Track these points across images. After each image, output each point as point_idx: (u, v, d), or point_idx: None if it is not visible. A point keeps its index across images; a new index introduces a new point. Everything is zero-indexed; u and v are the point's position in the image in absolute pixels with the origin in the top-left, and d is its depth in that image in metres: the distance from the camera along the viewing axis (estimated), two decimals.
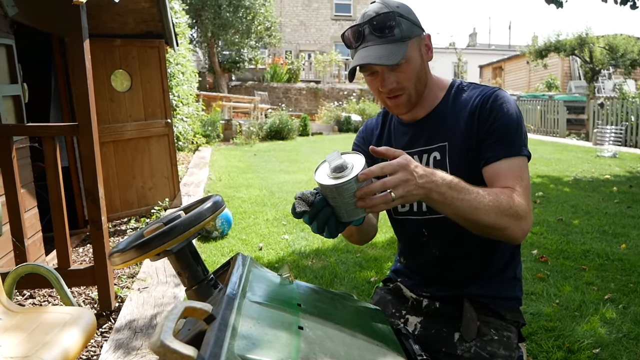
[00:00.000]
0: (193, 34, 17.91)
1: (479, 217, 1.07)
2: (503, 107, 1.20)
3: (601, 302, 3.02)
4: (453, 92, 1.30)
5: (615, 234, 4.45)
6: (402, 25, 1.16)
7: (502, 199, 1.09)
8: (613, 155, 9.45)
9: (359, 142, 1.47)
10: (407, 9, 1.21)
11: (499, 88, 1.26)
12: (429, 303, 1.32)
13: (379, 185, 0.94)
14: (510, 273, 1.34)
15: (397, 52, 1.14)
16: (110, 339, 2.54)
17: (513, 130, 1.19)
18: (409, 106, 1.26)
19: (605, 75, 19.32)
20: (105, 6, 3.85)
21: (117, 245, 1.00)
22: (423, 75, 1.23)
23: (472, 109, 1.23)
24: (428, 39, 1.24)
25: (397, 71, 1.19)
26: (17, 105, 3.42)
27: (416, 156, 1.29)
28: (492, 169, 1.18)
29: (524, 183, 1.17)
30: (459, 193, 1.04)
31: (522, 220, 1.11)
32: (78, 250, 4.10)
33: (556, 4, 8.34)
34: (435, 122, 1.29)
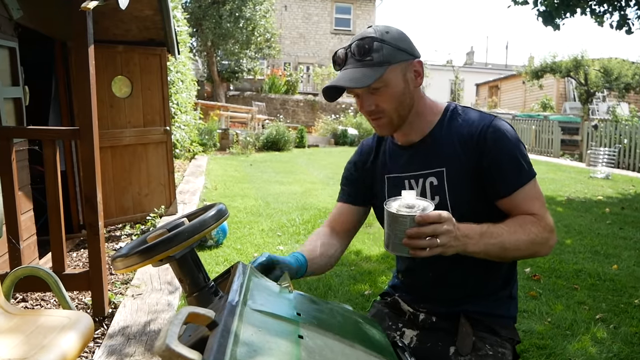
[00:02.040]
0: (193, 42, 17.99)
1: (512, 255, 1.20)
2: (504, 139, 1.23)
3: (592, 322, 3.04)
4: (448, 117, 1.31)
5: (607, 254, 4.48)
6: (383, 50, 1.18)
7: (530, 230, 1.18)
8: (606, 177, 9.53)
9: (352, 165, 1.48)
10: (397, 36, 1.22)
11: (495, 116, 1.28)
12: (425, 317, 1.35)
13: (430, 230, 1.02)
14: (506, 292, 1.37)
15: (371, 75, 1.17)
16: (103, 344, 2.53)
17: (518, 160, 1.23)
18: (391, 128, 1.28)
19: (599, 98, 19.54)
20: (110, 13, 3.89)
21: (119, 250, 1.01)
22: (407, 100, 1.25)
23: (470, 137, 1.25)
24: (419, 65, 1.25)
25: (376, 94, 1.22)
26: (17, 107, 3.44)
27: (412, 180, 1.31)
28: (510, 202, 1.23)
29: (542, 200, 1.25)
30: (490, 238, 1.13)
31: (551, 234, 1.22)
32: (72, 255, 4.09)
33: (553, 26, 8.46)
34: (431, 146, 1.30)
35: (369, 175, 1.43)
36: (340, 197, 1.48)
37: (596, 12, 8.38)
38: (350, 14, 25.98)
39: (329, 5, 25.65)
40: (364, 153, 1.47)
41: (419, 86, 1.27)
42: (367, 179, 1.43)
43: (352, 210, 1.45)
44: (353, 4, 25.91)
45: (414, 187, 1.31)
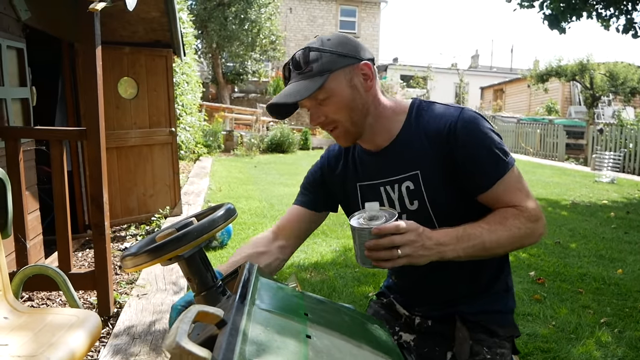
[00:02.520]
0: (198, 44, 18.04)
1: (495, 252, 1.15)
2: (475, 131, 1.17)
3: (597, 326, 3.04)
4: (414, 115, 1.24)
5: (612, 258, 4.47)
6: (322, 58, 1.13)
7: (512, 224, 1.13)
8: (611, 181, 9.50)
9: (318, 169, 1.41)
10: (339, 41, 1.16)
11: (463, 109, 1.21)
12: (421, 321, 1.33)
13: (386, 241, 1.01)
14: (501, 285, 1.33)
15: (310, 87, 1.11)
16: (108, 344, 2.54)
17: (493, 151, 1.16)
18: (350, 138, 1.23)
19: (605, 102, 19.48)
20: (117, 14, 3.91)
21: (129, 249, 1.02)
22: (359, 106, 1.18)
23: (439, 133, 1.19)
24: (367, 67, 1.17)
25: (324, 105, 1.16)
26: (25, 108, 3.46)
27: (388, 187, 1.26)
28: (490, 196, 1.18)
29: (524, 188, 1.19)
30: (468, 241, 1.09)
31: (536, 224, 1.16)
32: (77, 255, 4.11)
33: (559, 29, 8.46)
34: (401, 149, 1.24)
35: (337, 184, 1.37)
36: (299, 200, 1.42)
37: (602, 15, 8.37)
38: (355, 16, 26.01)
39: (334, 7, 25.69)
40: (331, 159, 1.40)
41: (370, 89, 1.19)
42: (335, 187, 1.38)
43: (309, 215, 1.39)
44: (358, 6, 25.94)
45: (391, 193, 1.26)
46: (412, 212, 1.24)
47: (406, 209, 1.24)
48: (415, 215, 1.22)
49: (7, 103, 3.18)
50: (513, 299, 1.36)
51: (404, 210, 1.25)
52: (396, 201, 1.25)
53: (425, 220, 1.18)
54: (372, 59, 1.20)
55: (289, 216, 1.40)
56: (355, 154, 1.34)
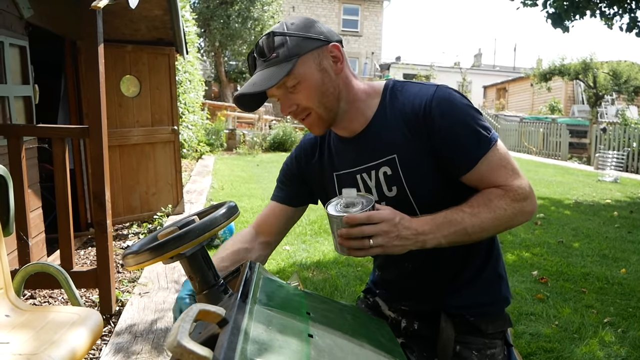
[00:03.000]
0: (201, 43, 18.05)
1: (480, 236, 1.09)
2: (452, 109, 1.10)
3: (600, 325, 3.03)
4: (388, 97, 1.18)
5: (616, 258, 4.46)
6: (288, 43, 1.07)
7: (496, 205, 1.07)
8: (614, 181, 9.48)
9: (293, 161, 1.35)
10: (304, 24, 1.10)
11: (438, 86, 1.14)
12: (407, 324, 1.29)
13: (356, 231, 0.98)
14: (491, 272, 1.26)
15: (277, 74, 1.05)
16: (110, 342, 2.54)
17: (473, 128, 1.10)
18: (323, 125, 1.16)
19: (608, 101, 19.46)
20: (119, 12, 3.91)
21: (131, 247, 1.02)
22: (330, 90, 1.12)
23: (415, 115, 1.12)
24: (335, 49, 1.11)
25: (294, 92, 1.10)
26: (27, 106, 3.46)
27: (364, 174, 1.20)
28: (473, 176, 1.12)
29: (509, 165, 1.12)
30: (449, 227, 1.04)
31: (523, 202, 1.09)
32: (79, 253, 4.11)
33: (562, 28, 8.43)
34: (377, 133, 1.17)
35: (314, 174, 1.31)
36: (276, 196, 1.36)
37: (606, 14, 8.34)
38: (357, 15, 26.00)
39: (337, 6, 25.68)
40: (306, 149, 1.33)
41: (340, 72, 1.13)
42: (312, 178, 1.32)
43: (286, 211, 1.35)
44: (361, 5, 25.93)
45: (367, 180, 1.20)
46: (391, 199, 1.17)
47: (385, 196, 1.19)
48: (394, 202, 1.16)
49: (9, 101, 3.18)
50: (507, 288, 1.29)
51: (383, 198, 1.19)
52: (373, 189, 1.20)
53: (406, 207, 1.14)
54: (340, 40, 1.14)
55: (268, 213, 1.36)
56: (330, 142, 1.28)
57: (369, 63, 26.02)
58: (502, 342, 1.25)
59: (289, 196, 1.35)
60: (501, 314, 1.27)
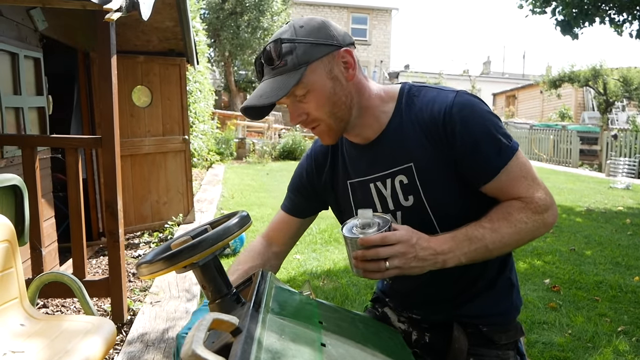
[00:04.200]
0: (211, 53, 18.19)
1: (501, 252, 1.07)
2: (473, 117, 1.07)
3: (614, 334, 2.99)
4: (405, 102, 1.13)
5: (629, 265, 4.41)
6: (297, 50, 1.01)
7: (516, 219, 1.05)
8: (626, 187, 9.39)
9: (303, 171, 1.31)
10: (313, 28, 1.04)
11: (457, 92, 1.10)
12: (418, 337, 1.26)
13: (372, 253, 0.96)
14: (504, 282, 1.23)
15: (286, 84, 1.01)
16: (122, 351, 2.55)
17: (494, 136, 1.06)
18: (334, 135, 1.12)
19: (618, 107, 19.31)
20: (132, 24, 3.96)
21: (144, 257, 1.02)
22: (342, 99, 1.07)
23: (434, 122, 1.08)
24: (347, 54, 1.06)
25: (304, 102, 1.06)
26: (41, 116, 3.51)
27: (379, 182, 1.16)
28: (494, 186, 1.09)
29: (530, 175, 1.09)
30: (470, 245, 1.02)
31: (544, 214, 1.07)
32: (91, 262, 4.14)
33: (572, 35, 8.41)
34: (392, 140, 1.13)
35: (327, 183, 1.27)
36: (285, 206, 1.34)
37: (615, 21, 8.31)
38: (366, 24, 26.09)
39: (345, 15, 25.79)
40: (317, 157, 1.28)
41: (353, 78, 1.08)
42: (325, 186, 1.27)
43: (296, 221, 1.32)
44: (369, 14, 26.02)
45: (382, 189, 1.16)
46: (407, 209, 1.14)
47: (401, 205, 1.15)
48: (411, 211, 1.14)
49: (24, 112, 3.23)
50: (518, 296, 1.27)
51: (399, 207, 1.15)
52: (389, 198, 1.16)
53: (423, 216, 1.12)
54: (352, 42, 1.09)
55: (278, 222, 1.35)
56: (343, 148, 1.23)
57: (378, 71, 26.07)
58: (514, 353, 1.23)
59: (297, 207, 1.33)
60: (513, 323, 1.25)
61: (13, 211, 2.18)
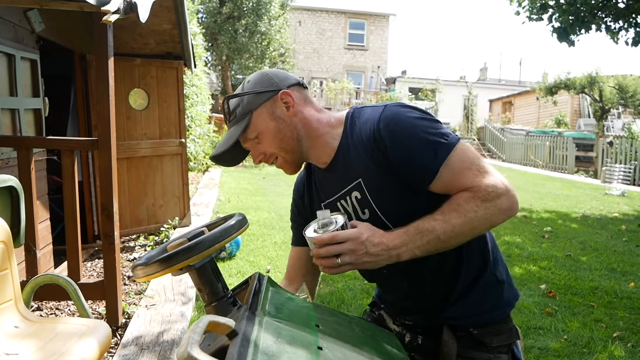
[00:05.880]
0: (208, 56, 18.20)
1: (456, 241, 1.09)
2: (399, 126, 1.12)
3: (610, 340, 2.99)
4: (349, 125, 1.23)
5: (624, 272, 4.42)
6: (243, 102, 1.19)
7: (465, 208, 1.06)
8: (622, 194, 9.42)
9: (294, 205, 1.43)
10: (256, 80, 1.21)
11: (386, 106, 1.17)
12: (411, 339, 1.30)
13: (323, 251, 1.04)
14: (489, 278, 1.24)
15: (236, 132, 1.18)
16: (117, 354, 2.54)
17: (425, 141, 1.10)
18: (292, 165, 1.25)
19: (614, 114, 19.40)
20: (129, 27, 3.96)
21: (140, 259, 1.02)
22: (287, 134, 1.20)
23: (368, 139, 1.16)
24: (286, 95, 1.19)
25: (260, 142, 1.21)
26: (37, 118, 3.50)
27: (342, 201, 1.25)
28: (439, 184, 1.11)
29: (475, 166, 1.10)
30: (421, 238, 1.06)
31: (495, 201, 1.07)
32: (86, 265, 4.12)
33: (568, 42, 8.46)
34: (343, 162, 1.22)
35: (308, 209, 1.37)
36: (293, 240, 1.44)
37: (611, 28, 8.36)
38: (364, 29, 26.16)
39: (343, 20, 25.86)
40: (299, 188, 1.41)
41: (295, 115, 1.21)
42: (308, 212, 1.36)
43: (305, 251, 1.36)
44: (367, 19, 26.10)
45: (346, 206, 1.24)
46: (366, 221, 1.16)
47: (360, 219, 1.21)
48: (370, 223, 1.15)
49: (20, 113, 3.22)
50: (511, 291, 1.28)
51: (360, 221, 1.18)
52: (352, 213, 1.24)
53: (381, 227, 1.13)
54: (297, 82, 1.24)
55: (291, 258, 1.43)
56: (315, 174, 1.34)
57: (375, 77, 26.13)
58: (508, 357, 1.23)
59: (300, 237, 1.35)
60: (506, 325, 1.25)
61: (9, 212, 2.16)
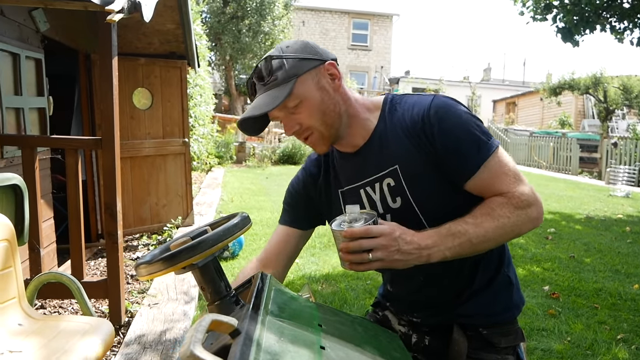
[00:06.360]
0: (212, 56, 18.22)
1: (486, 246, 1.09)
2: (450, 116, 1.11)
3: (613, 342, 2.98)
4: (387, 110, 1.20)
5: (628, 273, 4.40)
6: (286, 65, 1.09)
7: (499, 214, 1.07)
8: (626, 195, 9.38)
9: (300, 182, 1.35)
10: (298, 46, 1.13)
11: (435, 95, 1.16)
12: (418, 340, 1.28)
13: (355, 245, 0.99)
14: (502, 279, 1.25)
15: (278, 95, 1.07)
16: (120, 352, 2.54)
17: (472, 135, 1.11)
18: (325, 142, 1.18)
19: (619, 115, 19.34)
20: (133, 26, 3.97)
21: (143, 257, 1.02)
22: (330, 107, 1.14)
23: (414, 125, 1.14)
24: (331, 66, 1.14)
25: (296, 113, 1.12)
26: (41, 117, 3.51)
27: (368, 187, 1.21)
28: (475, 183, 1.12)
29: (512, 172, 1.12)
30: (454, 239, 1.04)
31: (527, 210, 1.09)
32: (89, 264, 4.13)
33: (572, 42, 8.42)
34: (378, 147, 1.18)
35: (321, 195, 1.31)
36: (283, 219, 1.36)
37: (616, 28, 8.32)
38: (367, 29, 26.16)
39: (346, 21, 25.86)
40: (311, 170, 1.33)
41: (339, 88, 1.16)
42: (319, 198, 1.32)
43: (294, 234, 1.33)
44: (370, 19, 26.09)
45: (372, 194, 1.20)
46: (396, 210, 1.18)
47: (389, 208, 1.19)
48: (400, 213, 1.17)
49: (24, 112, 3.23)
50: (519, 294, 1.28)
51: (388, 210, 1.19)
52: (378, 202, 1.20)
53: (412, 217, 1.14)
54: (335, 58, 1.18)
55: (277, 239, 1.35)
56: (333, 160, 1.29)
57: (378, 77, 26.12)
58: (514, 358, 1.24)
59: (296, 219, 1.34)
60: (514, 326, 1.26)
61: (13, 211, 2.17)
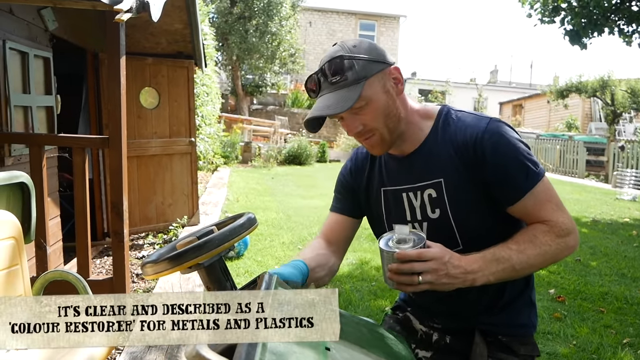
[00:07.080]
0: (218, 56, 18.26)
1: (526, 272, 1.14)
2: (503, 144, 1.14)
3: (619, 346, 2.96)
4: (441, 123, 1.22)
5: (635, 277, 4.38)
6: (356, 66, 1.10)
7: (541, 241, 1.11)
8: (633, 199, 9.33)
9: (348, 171, 1.38)
10: (366, 47, 1.14)
11: (491, 118, 1.18)
12: (438, 338, 1.30)
13: (407, 267, 1.02)
14: (525, 298, 1.30)
15: (349, 97, 1.09)
16: (125, 351, 2.55)
17: (522, 163, 1.14)
18: (384, 145, 1.20)
19: (626, 119, 19.22)
20: (141, 26, 3.98)
21: (149, 256, 1.02)
22: (393, 111, 1.16)
23: (465, 146, 1.16)
24: (396, 71, 1.16)
25: (360, 114, 1.14)
26: (49, 116, 3.53)
27: (411, 193, 1.24)
28: (519, 208, 1.15)
29: (554, 199, 1.16)
30: (497, 265, 1.08)
31: (567, 238, 1.13)
32: (95, 262, 4.15)
33: (580, 45, 8.38)
34: (426, 156, 1.21)
35: (362, 187, 1.34)
36: (335, 207, 1.39)
37: (624, 31, 8.28)
38: (374, 30, 26.13)
39: (353, 22, 25.85)
40: (358, 161, 1.37)
41: (401, 93, 1.18)
42: (361, 190, 1.35)
43: (345, 221, 1.37)
44: (377, 21, 26.07)
45: (413, 200, 1.23)
46: (434, 221, 1.21)
47: (428, 217, 1.22)
48: (436, 224, 1.21)
49: (32, 110, 3.25)
50: (536, 315, 1.33)
51: (425, 219, 1.23)
52: (418, 209, 1.23)
53: (446, 230, 1.18)
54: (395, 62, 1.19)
55: (333, 224, 1.38)
56: (382, 157, 1.31)
57: None
58: None
59: (348, 207, 1.38)
60: (532, 339, 1.30)
61: (20, 208, 2.18)
